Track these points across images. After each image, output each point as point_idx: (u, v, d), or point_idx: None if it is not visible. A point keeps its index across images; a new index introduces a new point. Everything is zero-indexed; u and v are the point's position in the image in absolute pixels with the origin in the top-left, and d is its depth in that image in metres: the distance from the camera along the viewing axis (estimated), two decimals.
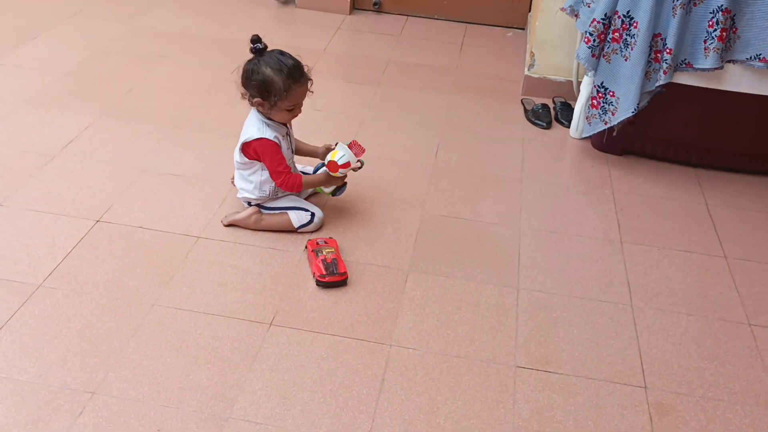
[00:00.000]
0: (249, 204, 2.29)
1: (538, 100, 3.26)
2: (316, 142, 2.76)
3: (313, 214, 2.28)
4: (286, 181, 2.19)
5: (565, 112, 3.13)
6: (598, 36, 2.61)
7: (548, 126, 3.08)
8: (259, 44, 2.14)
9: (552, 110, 3.19)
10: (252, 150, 2.18)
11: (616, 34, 2.59)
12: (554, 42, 3.19)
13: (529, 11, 3.97)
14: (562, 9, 2.93)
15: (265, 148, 2.16)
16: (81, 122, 2.79)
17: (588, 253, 2.34)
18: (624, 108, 2.65)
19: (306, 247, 2.20)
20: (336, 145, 2.30)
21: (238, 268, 2.13)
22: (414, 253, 2.27)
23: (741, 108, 2.66)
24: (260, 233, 2.28)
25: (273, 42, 3.67)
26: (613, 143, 2.87)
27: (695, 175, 2.81)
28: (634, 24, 2.53)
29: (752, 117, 2.68)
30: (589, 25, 2.62)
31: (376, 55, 3.66)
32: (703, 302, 2.17)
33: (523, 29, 4.07)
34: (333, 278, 2.07)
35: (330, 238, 2.23)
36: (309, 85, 2.19)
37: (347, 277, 2.10)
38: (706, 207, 2.62)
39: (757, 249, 2.42)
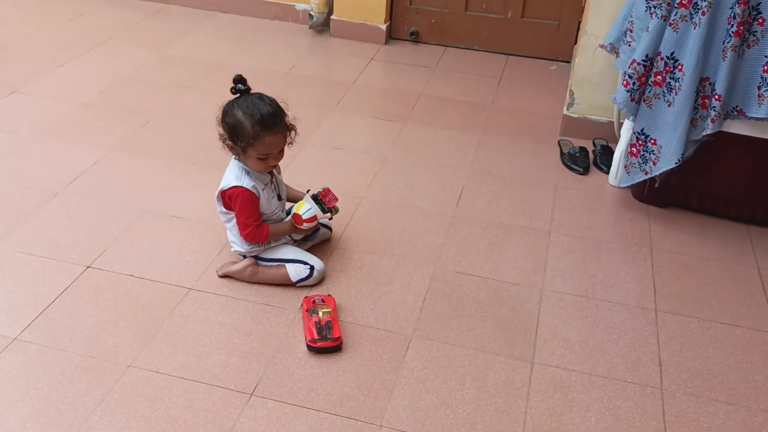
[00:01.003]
0: (244, 257, 2.14)
1: (578, 142, 3.02)
2: (332, 181, 2.64)
3: (312, 268, 2.11)
4: (252, 233, 2.04)
5: (604, 157, 2.88)
6: (638, 79, 2.37)
7: (585, 172, 2.84)
8: (241, 85, 2.00)
9: (591, 154, 2.95)
10: (227, 198, 2.04)
11: (659, 77, 2.35)
12: (595, 80, 2.95)
13: (575, 43, 3.74)
14: (602, 46, 2.70)
15: (239, 197, 2.01)
16: (91, 156, 2.71)
17: (616, 323, 2.09)
18: (667, 158, 2.40)
19: (302, 305, 2.03)
20: (306, 192, 2.16)
21: (226, 326, 1.98)
22: (420, 316, 2.07)
23: None
24: (256, 286, 2.12)
25: (303, 72, 3.59)
26: (656, 194, 2.62)
27: (747, 233, 2.53)
28: (679, 67, 2.29)
29: None
30: (629, 67, 2.39)
31: (407, 88, 3.49)
32: (747, 388, 1.89)
33: (569, 62, 3.83)
34: (325, 344, 1.89)
35: (329, 295, 2.05)
36: (290, 135, 2.03)
37: (341, 343, 1.92)
38: (757, 271, 2.34)
39: None
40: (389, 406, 1.77)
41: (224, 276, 2.14)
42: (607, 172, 2.81)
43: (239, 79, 2.01)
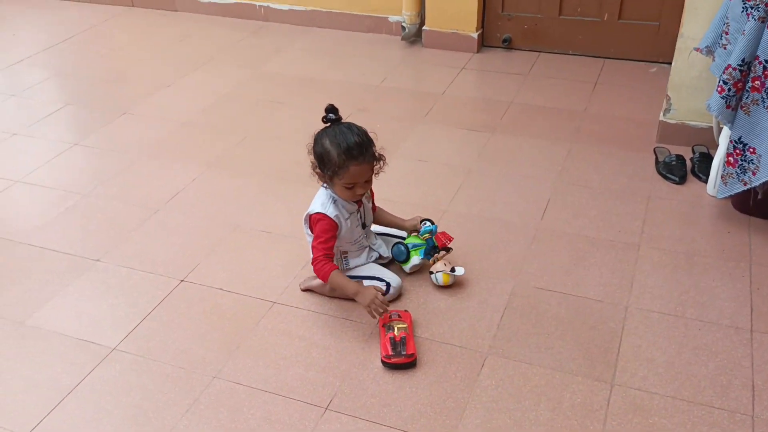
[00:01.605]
0: None
1: (675, 150, 2.88)
2: (416, 195, 2.66)
3: (388, 284, 2.14)
4: (320, 265, 2.03)
5: (703, 165, 2.74)
6: (734, 84, 2.24)
7: (681, 181, 2.71)
8: (332, 114, 2.04)
9: (689, 162, 2.80)
10: (312, 222, 2.10)
11: (757, 82, 2.21)
12: (693, 84, 2.81)
13: None
14: (697, 49, 2.58)
15: (319, 223, 2.06)
16: (190, 174, 2.87)
17: (707, 344, 1.99)
18: (767, 168, 2.25)
19: (378, 321, 2.06)
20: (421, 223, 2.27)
21: (306, 339, 2.04)
22: (497, 333, 2.05)
23: None
24: (336, 301, 2.17)
25: (393, 84, 3.64)
26: (760, 205, 2.46)
27: None
28: None
29: None
30: (724, 72, 2.26)
31: (497, 97, 3.46)
32: None
33: (670, 64, 3.65)
34: (399, 360, 1.92)
35: (405, 311, 2.08)
36: (378, 165, 2.06)
37: (415, 359, 1.93)
38: None
39: None
40: (460, 424, 1.77)
41: (306, 290, 2.22)
42: (706, 182, 2.67)
43: (331, 109, 2.05)
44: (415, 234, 2.30)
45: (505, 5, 3.85)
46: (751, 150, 2.29)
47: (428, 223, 2.30)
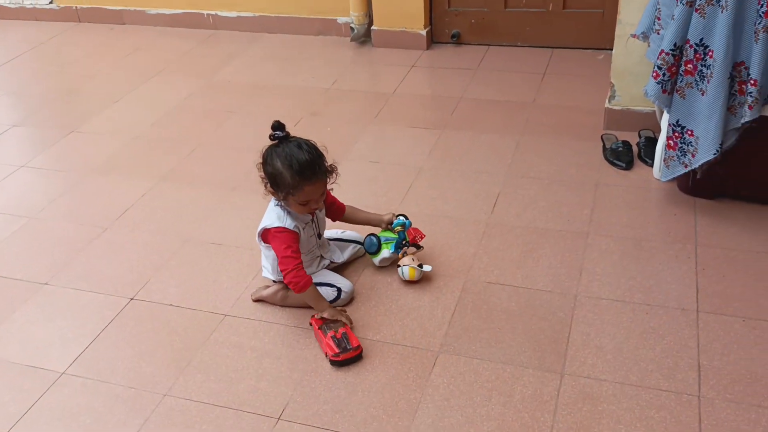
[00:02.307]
0: (274, 282, 2.19)
1: (623, 136, 2.91)
2: (367, 197, 2.67)
3: (339, 290, 2.14)
4: (295, 276, 1.98)
5: (649, 149, 2.77)
6: (668, 69, 2.27)
7: (628, 167, 2.74)
8: (279, 132, 2.01)
9: (635, 147, 2.84)
10: (270, 236, 2.06)
11: (690, 65, 2.24)
12: (635, 70, 2.84)
13: None
14: (634, 35, 2.60)
15: (282, 236, 2.02)
16: (140, 189, 2.84)
17: (654, 327, 2.01)
18: (705, 149, 2.28)
19: (311, 324, 2.05)
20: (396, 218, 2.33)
21: (258, 350, 2.03)
22: (449, 330, 2.06)
23: None
24: (288, 309, 2.17)
25: (343, 86, 3.64)
26: (703, 186, 2.49)
27: None
28: (710, 53, 2.18)
29: None
30: (657, 58, 2.29)
31: (447, 93, 3.47)
32: None
33: None
34: (347, 355, 1.92)
35: (341, 309, 2.08)
36: (330, 179, 2.05)
37: (362, 350, 1.94)
38: None
39: None
40: (412, 425, 1.78)
41: (257, 300, 2.21)
42: (652, 166, 2.70)
43: (277, 126, 2.01)
44: (389, 228, 2.30)
45: (452, 1, 3.86)
46: (689, 132, 2.32)
47: (402, 218, 2.31)
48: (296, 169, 1.95)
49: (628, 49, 2.82)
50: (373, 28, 3.99)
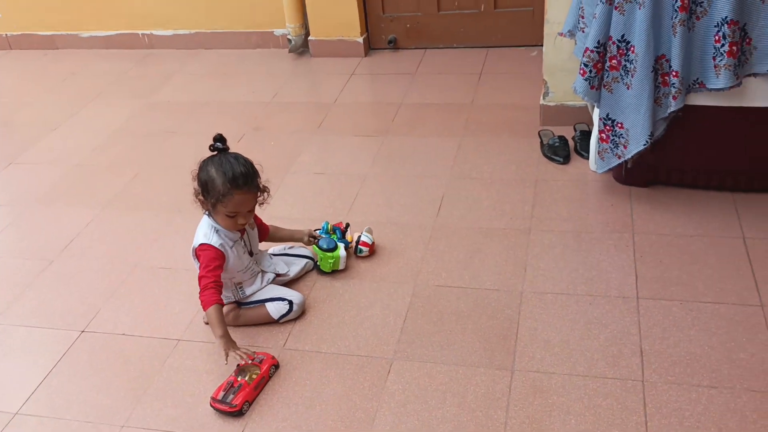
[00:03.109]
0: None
1: (559, 131, 3.00)
2: (314, 208, 2.68)
3: (291, 302, 2.16)
4: (202, 294, 1.99)
5: (584, 143, 2.86)
6: (594, 66, 2.35)
7: (566, 161, 2.82)
8: (219, 143, 2.04)
9: (572, 141, 2.92)
10: (197, 255, 2.09)
11: (614, 61, 2.32)
12: (566, 67, 2.93)
13: None
14: (561, 34, 2.68)
15: (205, 254, 2.05)
16: (84, 218, 2.81)
17: (597, 317, 2.09)
18: (635, 140, 2.37)
19: (237, 365, 1.99)
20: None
21: (213, 373, 2.04)
22: (401, 336, 2.10)
23: None
24: (241, 328, 2.18)
25: (285, 99, 3.65)
26: (636, 175, 2.59)
27: (732, 201, 2.48)
28: (632, 48, 2.26)
29: None
30: (583, 55, 2.37)
31: (387, 99, 3.51)
32: (731, 369, 1.87)
33: None
34: (222, 407, 1.88)
35: (273, 357, 2.01)
36: (262, 197, 2.08)
37: (240, 411, 1.87)
38: (743, 242, 2.30)
39: None
40: None
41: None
42: (588, 159, 2.79)
43: (219, 138, 2.06)
44: (313, 242, 2.36)
45: (386, 7, 3.91)
46: (620, 125, 2.41)
47: (321, 230, 2.44)
48: (229, 176, 1.99)
49: (557, 47, 2.90)
50: (310, 38, 4.02)
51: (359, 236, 2.41)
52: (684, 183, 2.57)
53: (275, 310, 2.15)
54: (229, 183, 1.99)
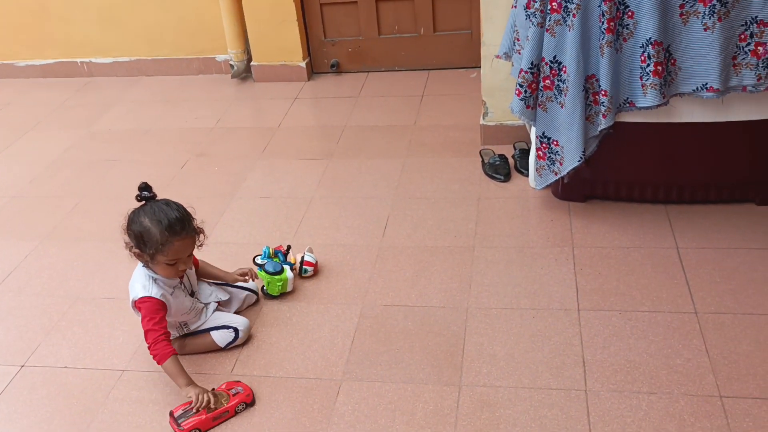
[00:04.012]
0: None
1: (500, 149, 3.07)
2: (260, 233, 2.68)
3: (236, 330, 2.14)
4: (154, 349, 1.93)
5: (524, 161, 2.93)
6: (529, 86, 2.43)
7: (506, 179, 2.89)
8: (146, 192, 2.00)
9: (512, 159, 3.00)
10: (137, 307, 2.02)
11: (548, 81, 2.40)
12: (503, 87, 3.01)
13: None
14: (498, 56, 2.76)
15: (146, 305, 1.98)
16: (22, 251, 2.74)
17: (540, 330, 2.14)
18: (570, 156, 2.45)
19: (222, 384, 2.00)
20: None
21: (159, 403, 2.01)
22: (350, 357, 2.11)
23: (698, 137, 2.43)
24: (187, 356, 2.15)
25: (228, 124, 3.65)
26: (574, 190, 2.67)
27: (665, 213, 2.58)
28: (563, 69, 2.34)
29: (710, 145, 2.44)
30: (518, 76, 2.45)
31: (331, 122, 3.55)
32: (668, 374, 1.94)
33: None
34: (173, 426, 1.89)
35: (249, 389, 1.97)
36: (199, 239, 2.05)
37: None
38: (676, 251, 2.39)
39: (733, 296, 2.18)
40: None
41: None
42: (528, 176, 2.86)
43: (144, 187, 2.01)
44: (261, 270, 2.34)
45: (327, 32, 3.96)
46: (555, 143, 2.49)
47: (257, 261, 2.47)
48: (165, 225, 1.94)
49: (494, 68, 2.98)
50: (252, 63, 4.03)
51: (302, 257, 2.42)
52: (619, 197, 2.65)
53: (221, 338, 2.13)
54: (167, 231, 1.94)
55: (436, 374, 2.02)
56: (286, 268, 2.35)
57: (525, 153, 2.97)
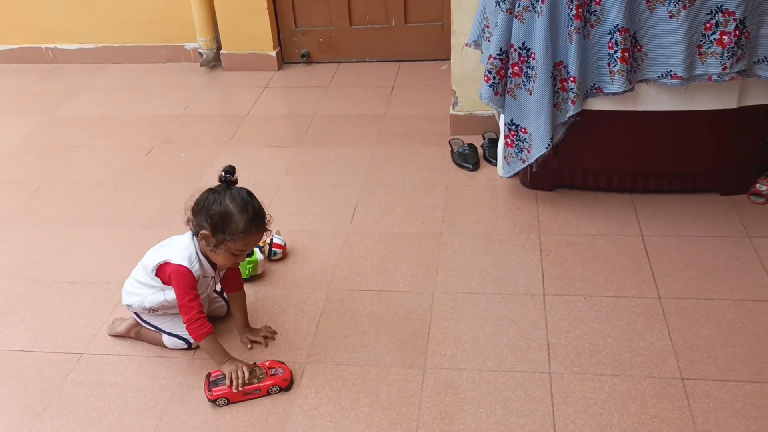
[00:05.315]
0: (128, 305, 2.08)
1: (468, 139, 3.07)
2: None
3: (189, 343, 2.05)
4: (195, 327, 1.89)
5: (492, 150, 2.94)
6: (497, 73, 2.43)
7: (475, 167, 2.89)
8: (230, 175, 1.92)
9: (480, 149, 3.00)
10: (168, 272, 1.92)
11: (516, 68, 2.41)
12: (472, 76, 3.01)
13: None
14: (468, 44, 2.76)
15: (183, 277, 1.89)
16: None
17: (506, 314, 2.14)
18: (538, 144, 2.46)
19: (264, 363, 1.96)
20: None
21: (118, 385, 1.97)
22: (314, 341, 2.09)
23: (664, 127, 2.45)
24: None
25: (196, 112, 3.60)
26: (542, 179, 2.68)
27: (631, 201, 2.60)
28: (532, 55, 2.35)
29: (675, 135, 2.47)
30: (487, 62, 2.45)
31: (301, 111, 3.52)
32: (631, 357, 1.95)
33: None
34: (205, 386, 1.90)
35: (286, 380, 1.92)
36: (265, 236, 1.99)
37: (211, 400, 1.87)
38: (641, 239, 2.41)
39: (695, 282, 2.20)
40: None
41: (114, 336, 2.13)
42: (496, 165, 2.87)
43: (230, 170, 1.93)
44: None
45: (298, 21, 3.93)
46: (523, 130, 2.49)
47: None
48: (250, 215, 1.87)
49: (464, 58, 2.98)
50: (222, 52, 3.98)
51: (271, 239, 2.39)
52: (586, 185, 2.67)
53: (171, 343, 2.06)
54: (252, 221, 1.87)
55: (401, 357, 2.01)
56: (256, 250, 2.32)
57: (494, 142, 2.97)
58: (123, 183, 2.96)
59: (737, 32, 2.19)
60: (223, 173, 1.93)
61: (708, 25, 2.22)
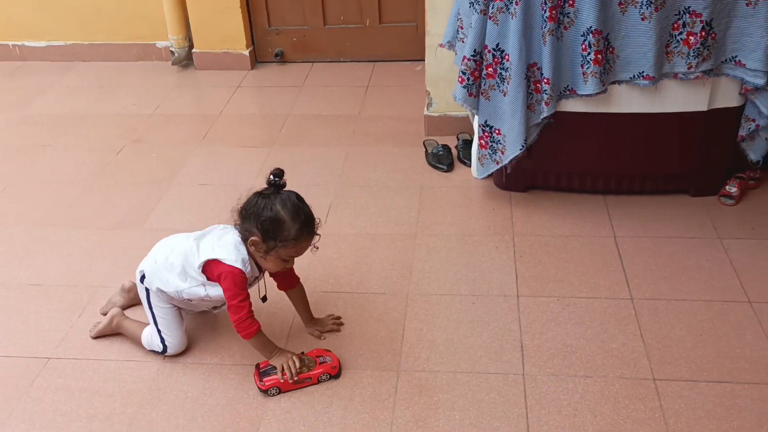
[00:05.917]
0: (143, 277, 1.99)
1: (443, 140, 3.07)
2: (198, 221, 2.62)
3: (166, 349, 2.00)
4: (244, 327, 1.86)
5: (466, 151, 2.94)
6: (471, 74, 2.43)
7: (449, 168, 2.89)
8: (278, 179, 1.86)
9: (455, 150, 3.00)
10: (220, 273, 1.86)
11: (490, 69, 2.41)
12: (447, 78, 3.00)
13: None
14: (441, 45, 2.75)
15: (235, 278, 1.84)
16: None
17: (479, 316, 2.13)
18: (512, 145, 2.46)
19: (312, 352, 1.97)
20: None
21: (87, 390, 1.93)
22: (287, 344, 2.06)
23: (636, 128, 2.47)
24: (118, 344, 2.07)
25: (167, 111, 3.55)
26: (516, 180, 2.68)
27: (604, 203, 2.61)
28: (506, 57, 2.35)
29: (648, 136, 2.49)
30: (461, 64, 2.44)
31: (274, 111, 3.49)
32: (604, 358, 1.96)
33: None
34: (255, 377, 1.91)
35: (335, 367, 1.93)
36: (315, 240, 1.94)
37: (263, 390, 1.88)
38: (614, 240, 2.42)
39: (667, 283, 2.22)
40: None
41: (96, 337, 2.09)
42: (470, 166, 2.87)
43: (278, 173, 1.87)
44: None
45: (272, 20, 3.89)
46: (497, 131, 2.49)
47: None
48: (303, 221, 1.83)
49: (438, 58, 2.98)
50: (194, 50, 3.93)
51: None
52: (560, 187, 2.68)
53: (148, 341, 2.02)
54: (305, 228, 1.83)
55: (375, 360, 1.99)
56: None
57: (468, 143, 2.97)
58: (92, 183, 2.90)
59: (703, 33, 2.22)
60: (271, 176, 1.87)
61: (676, 26, 2.25)
